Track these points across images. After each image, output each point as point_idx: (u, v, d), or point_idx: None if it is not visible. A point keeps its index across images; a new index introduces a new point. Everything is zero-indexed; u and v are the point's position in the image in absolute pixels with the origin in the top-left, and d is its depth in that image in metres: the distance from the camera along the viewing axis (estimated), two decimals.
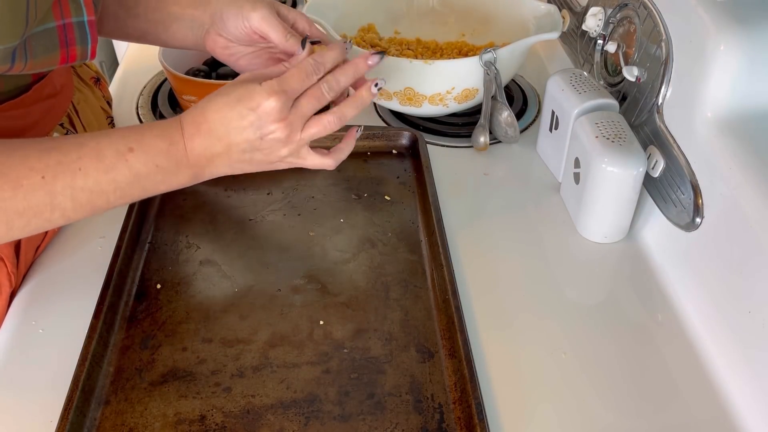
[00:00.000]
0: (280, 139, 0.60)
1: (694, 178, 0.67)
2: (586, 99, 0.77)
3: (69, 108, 0.73)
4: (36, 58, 0.57)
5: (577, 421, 0.59)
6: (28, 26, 0.53)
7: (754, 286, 0.59)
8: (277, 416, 0.57)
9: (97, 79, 0.83)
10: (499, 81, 0.84)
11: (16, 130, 0.65)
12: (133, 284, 0.69)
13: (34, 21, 0.54)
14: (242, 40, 0.69)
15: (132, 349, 0.63)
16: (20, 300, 0.68)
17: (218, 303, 0.67)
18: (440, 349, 0.63)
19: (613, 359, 0.64)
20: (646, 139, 0.75)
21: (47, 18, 0.57)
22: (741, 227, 0.60)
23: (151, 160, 0.58)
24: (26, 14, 0.52)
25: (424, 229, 0.75)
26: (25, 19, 0.52)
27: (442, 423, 0.57)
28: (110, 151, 0.56)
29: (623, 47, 0.82)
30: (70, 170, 0.55)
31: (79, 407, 0.56)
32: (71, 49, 0.60)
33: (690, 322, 0.67)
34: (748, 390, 0.59)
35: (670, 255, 0.71)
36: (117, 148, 0.57)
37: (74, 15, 0.59)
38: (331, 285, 0.69)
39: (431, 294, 0.68)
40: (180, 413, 0.58)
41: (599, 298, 0.71)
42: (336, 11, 0.93)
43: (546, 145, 0.86)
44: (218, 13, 0.68)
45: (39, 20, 0.55)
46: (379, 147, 0.87)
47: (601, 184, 0.72)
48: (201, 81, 0.86)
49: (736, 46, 0.63)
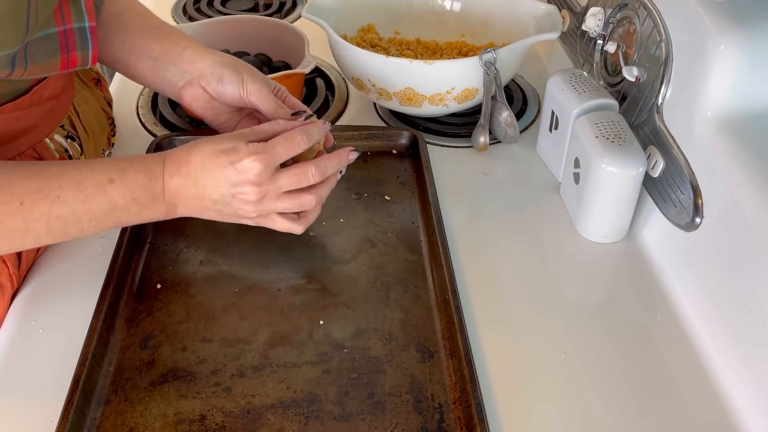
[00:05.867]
0: (251, 202, 0.62)
1: (694, 178, 0.67)
2: (586, 99, 0.77)
3: (70, 110, 0.73)
4: (36, 64, 0.57)
5: (577, 421, 0.59)
6: (29, 32, 0.53)
7: (754, 286, 0.59)
8: (277, 416, 0.57)
9: (98, 80, 0.83)
10: (499, 81, 0.84)
11: (16, 133, 0.65)
12: (133, 284, 0.69)
13: (35, 27, 0.54)
14: (231, 103, 0.72)
15: (132, 349, 0.63)
16: (21, 300, 0.68)
17: (218, 303, 0.67)
18: (440, 349, 0.63)
19: (612, 359, 0.64)
20: (646, 139, 0.75)
21: (48, 23, 0.57)
22: (741, 227, 0.60)
23: (130, 193, 0.59)
24: (27, 20, 0.52)
25: (424, 229, 0.75)
26: (26, 25, 0.52)
27: (442, 423, 0.57)
28: (91, 182, 0.58)
29: (623, 47, 0.82)
30: (49, 198, 0.56)
31: (79, 407, 0.56)
32: (72, 54, 0.60)
33: (690, 322, 0.67)
34: (748, 390, 0.59)
35: (670, 255, 0.71)
36: (98, 179, 0.58)
37: (75, 21, 0.59)
38: (331, 285, 0.69)
39: (431, 294, 0.68)
40: (180, 413, 0.58)
41: (599, 298, 0.71)
42: (336, 11, 0.93)
43: (546, 145, 0.86)
44: (216, 72, 0.70)
45: (40, 26, 0.55)
46: (379, 147, 0.87)
47: (601, 184, 0.72)
48: None
49: (736, 46, 0.63)
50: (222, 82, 0.70)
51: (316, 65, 1.02)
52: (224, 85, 0.71)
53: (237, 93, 0.71)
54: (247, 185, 0.61)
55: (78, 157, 0.72)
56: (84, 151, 0.74)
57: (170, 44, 0.72)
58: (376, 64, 0.83)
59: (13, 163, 0.57)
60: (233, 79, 0.70)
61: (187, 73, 0.71)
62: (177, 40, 0.72)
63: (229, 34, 0.95)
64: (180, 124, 0.91)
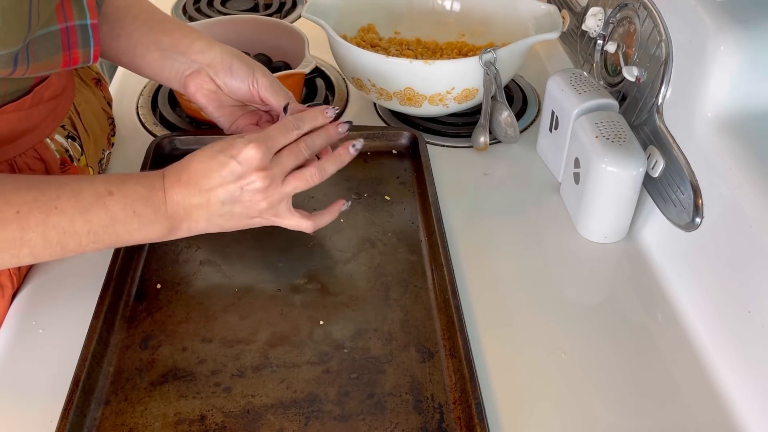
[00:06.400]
0: (260, 190, 0.60)
1: (694, 178, 0.67)
2: (586, 99, 0.77)
3: (70, 109, 0.73)
4: (38, 62, 0.57)
5: (576, 421, 0.59)
6: (31, 30, 0.53)
7: (754, 287, 0.59)
8: (277, 416, 0.57)
9: (98, 80, 0.83)
10: (499, 81, 0.84)
11: (17, 133, 0.65)
12: (133, 284, 0.69)
13: (36, 25, 0.54)
14: (237, 95, 0.72)
15: (132, 349, 0.63)
16: (20, 300, 0.68)
17: (218, 303, 0.67)
18: (440, 349, 0.63)
19: (612, 359, 0.64)
20: (646, 139, 0.75)
21: (50, 21, 0.57)
22: (741, 227, 0.60)
23: (130, 205, 0.58)
24: (29, 18, 0.52)
25: (424, 229, 0.75)
26: (28, 24, 0.52)
27: (442, 423, 0.57)
28: (89, 192, 0.57)
29: (623, 47, 0.82)
30: (46, 207, 0.55)
31: (79, 407, 0.56)
32: (73, 52, 0.60)
33: (690, 322, 0.67)
34: (748, 390, 0.59)
35: (670, 255, 0.71)
36: (96, 190, 0.57)
37: (77, 18, 0.59)
38: (331, 285, 0.69)
39: (431, 294, 0.68)
40: (180, 413, 0.58)
41: (599, 298, 0.71)
42: (336, 11, 0.93)
43: (546, 145, 0.86)
44: (225, 63, 0.71)
45: (42, 24, 0.55)
46: (379, 147, 0.87)
47: (601, 184, 0.72)
48: None
49: (736, 46, 0.63)
50: (231, 73, 0.71)
51: (316, 65, 1.02)
52: (233, 76, 0.71)
53: (245, 85, 0.71)
54: (252, 174, 0.60)
55: (78, 158, 0.72)
56: (84, 151, 0.74)
57: (180, 35, 0.72)
58: (376, 64, 0.83)
59: (7, 175, 0.57)
60: (243, 70, 0.70)
61: (195, 62, 0.71)
62: (187, 32, 0.72)
63: (229, 34, 0.95)
64: (180, 124, 0.91)
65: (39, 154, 0.67)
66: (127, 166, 0.83)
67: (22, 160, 0.66)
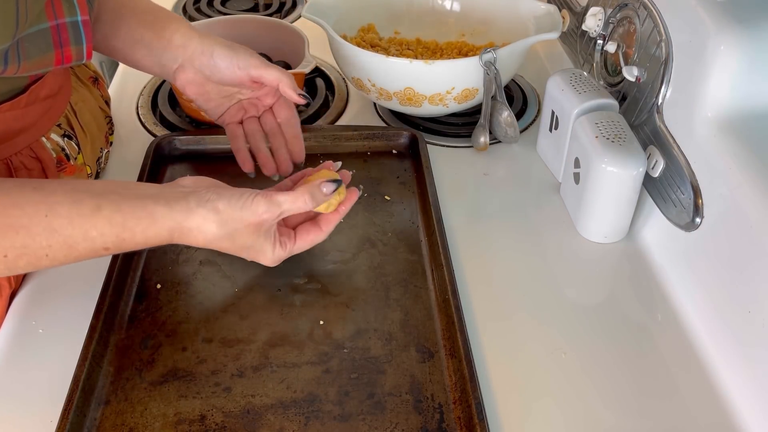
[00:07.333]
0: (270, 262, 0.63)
1: (694, 178, 0.67)
2: (586, 99, 0.77)
3: (67, 108, 0.72)
4: (30, 60, 0.57)
5: (576, 421, 0.59)
6: (19, 28, 0.53)
7: (754, 287, 0.59)
8: (277, 416, 0.57)
9: (96, 79, 0.83)
10: (499, 81, 0.84)
11: (13, 132, 0.65)
12: (133, 284, 0.69)
13: (25, 23, 0.54)
14: (224, 79, 0.72)
15: (132, 349, 0.63)
16: (20, 300, 0.68)
17: (218, 303, 0.67)
18: (440, 349, 0.63)
19: (612, 359, 0.64)
20: (646, 139, 0.75)
21: (40, 18, 0.57)
22: (741, 227, 0.60)
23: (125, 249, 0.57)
24: (16, 16, 0.52)
25: (424, 229, 0.75)
26: (15, 21, 0.52)
27: (442, 423, 0.57)
28: (83, 246, 0.54)
29: (623, 47, 0.82)
30: (35, 256, 0.54)
31: (79, 407, 0.56)
32: (66, 49, 0.60)
33: (690, 322, 0.67)
34: (748, 390, 0.59)
35: (670, 255, 0.71)
36: (92, 247, 0.55)
37: (68, 15, 0.59)
38: (331, 285, 0.69)
39: (431, 294, 0.68)
40: (180, 413, 0.58)
41: (599, 298, 0.71)
42: (336, 11, 0.93)
43: (546, 145, 0.86)
44: (206, 50, 0.71)
45: (31, 21, 0.55)
46: (379, 147, 0.87)
47: (601, 184, 0.72)
48: None
49: (736, 46, 0.63)
50: (213, 57, 0.71)
51: (316, 65, 1.02)
52: (215, 59, 0.71)
53: (230, 67, 0.71)
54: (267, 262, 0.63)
55: (75, 156, 0.72)
56: (81, 150, 0.74)
57: (160, 28, 0.71)
58: (376, 64, 0.83)
59: None
60: (225, 53, 0.70)
61: (179, 57, 0.72)
62: (165, 23, 0.72)
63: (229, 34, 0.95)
64: (180, 124, 0.91)
65: (35, 153, 0.67)
66: (127, 166, 0.83)
67: (18, 159, 0.65)
